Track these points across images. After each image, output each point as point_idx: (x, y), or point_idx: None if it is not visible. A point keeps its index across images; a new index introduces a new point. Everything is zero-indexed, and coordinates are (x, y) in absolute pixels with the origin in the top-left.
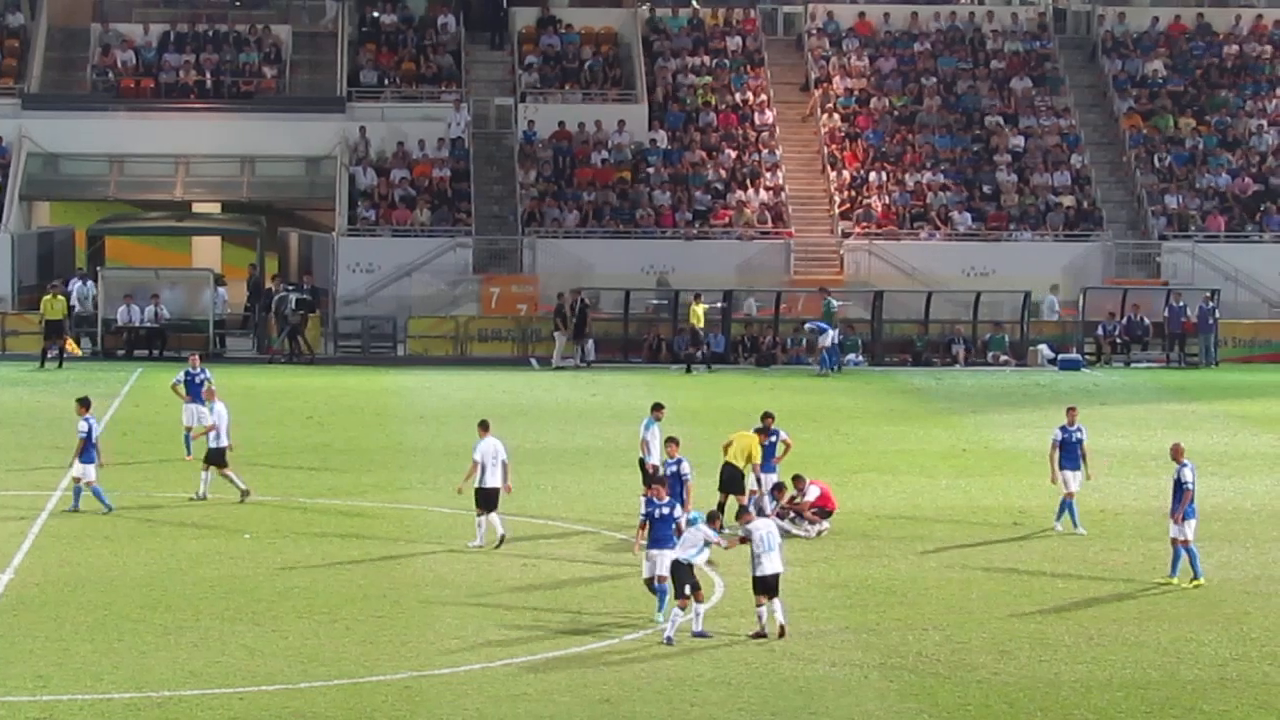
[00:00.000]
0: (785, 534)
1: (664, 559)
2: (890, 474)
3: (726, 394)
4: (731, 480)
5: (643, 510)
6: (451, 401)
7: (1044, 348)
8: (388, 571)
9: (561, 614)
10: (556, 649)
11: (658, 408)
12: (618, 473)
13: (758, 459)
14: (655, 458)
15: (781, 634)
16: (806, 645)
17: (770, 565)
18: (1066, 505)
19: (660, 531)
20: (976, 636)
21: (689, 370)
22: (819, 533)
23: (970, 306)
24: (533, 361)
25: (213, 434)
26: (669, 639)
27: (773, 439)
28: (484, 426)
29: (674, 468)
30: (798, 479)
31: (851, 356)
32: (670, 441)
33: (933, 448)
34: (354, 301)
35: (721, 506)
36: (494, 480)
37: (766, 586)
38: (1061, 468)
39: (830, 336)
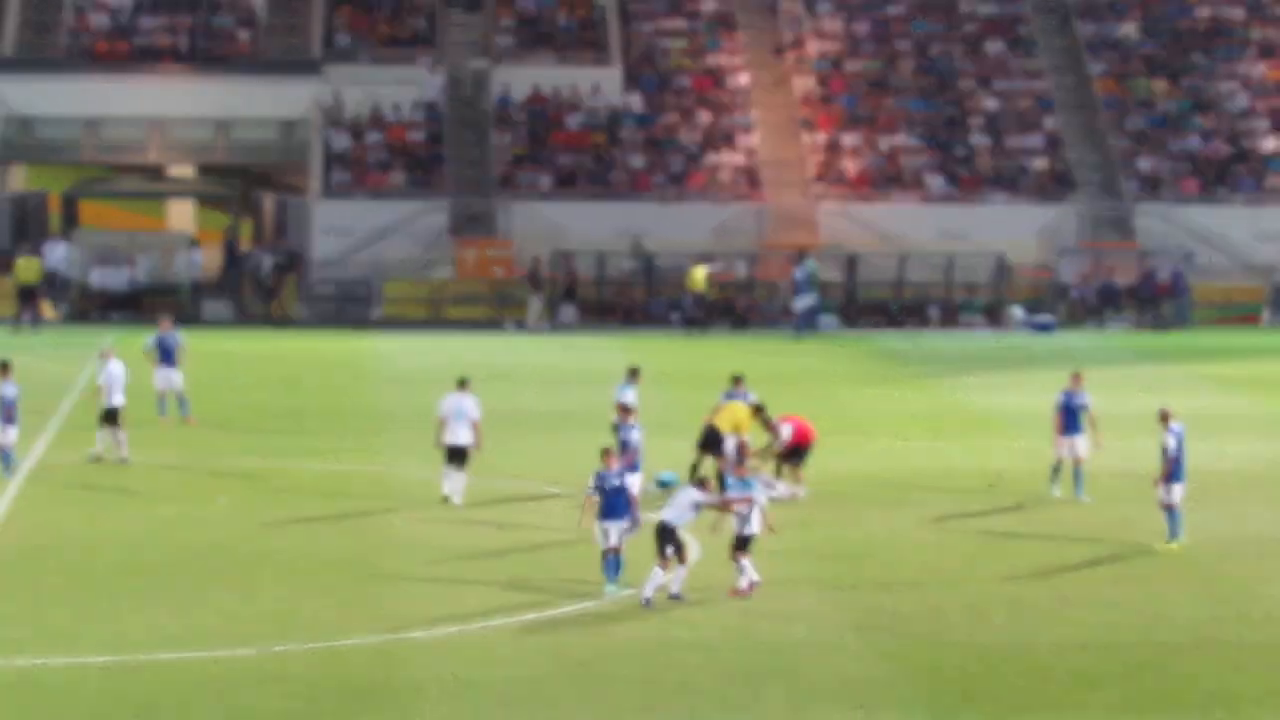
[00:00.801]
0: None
1: (616, 531)
2: (865, 436)
3: (703, 358)
4: (711, 442)
5: (591, 483)
6: (426, 364)
7: (1017, 309)
8: (364, 535)
9: (538, 577)
10: (533, 612)
11: (634, 372)
12: (594, 436)
13: (746, 430)
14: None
15: (751, 588)
16: (783, 607)
17: (754, 525)
18: (1075, 473)
19: (613, 503)
20: (952, 599)
21: (692, 331)
22: (792, 496)
23: (944, 269)
24: (507, 325)
25: (108, 393)
26: (647, 600)
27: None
28: (460, 384)
29: (625, 435)
30: (761, 413)
31: (827, 319)
32: (623, 408)
33: (908, 410)
34: (329, 265)
35: (695, 467)
36: (458, 437)
37: (746, 545)
38: (1064, 433)
39: (806, 300)
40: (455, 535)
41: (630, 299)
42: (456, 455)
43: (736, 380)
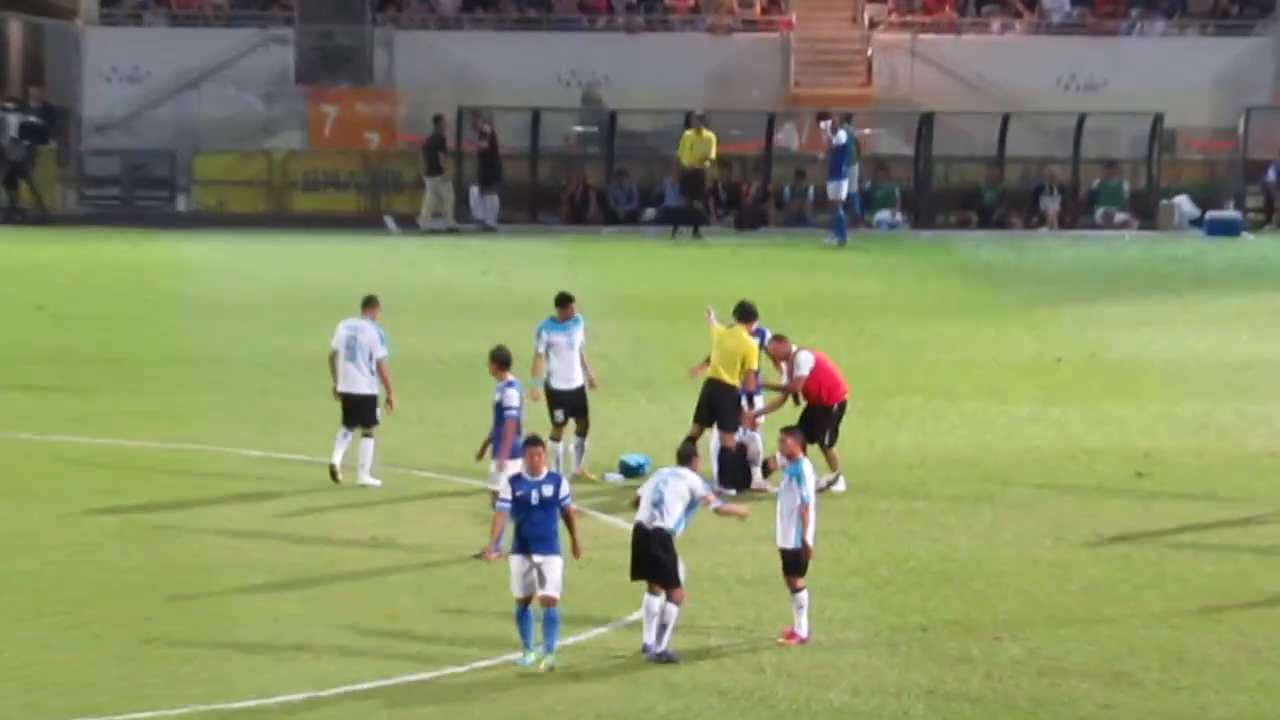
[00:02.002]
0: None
1: (550, 569)
2: (944, 399)
3: (686, 274)
4: (717, 403)
5: (502, 496)
6: (263, 285)
7: (1183, 201)
8: (163, 547)
9: (430, 614)
10: (420, 670)
11: (563, 302)
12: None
13: (753, 365)
14: (560, 378)
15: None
16: (819, 661)
17: (783, 537)
18: None
19: (538, 526)
20: (1077, 650)
21: (678, 233)
22: (827, 486)
23: (1069, 137)
24: (389, 222)
25: None
26: (650, 649)
27: (759, 339)
28: (367, 304)
29: (498, 396)
30: (777, 342)
31: (884, 215)
32: (494, 358)
33: (1010, 358)
34: (110, 128)
35: (692, 441)
36: (353, 383)
37: (800, 564)
38: None
39: (845, 186)
40: (303, 548)
41: (580, 182)
42: (352, 410)
43: (745, 312)
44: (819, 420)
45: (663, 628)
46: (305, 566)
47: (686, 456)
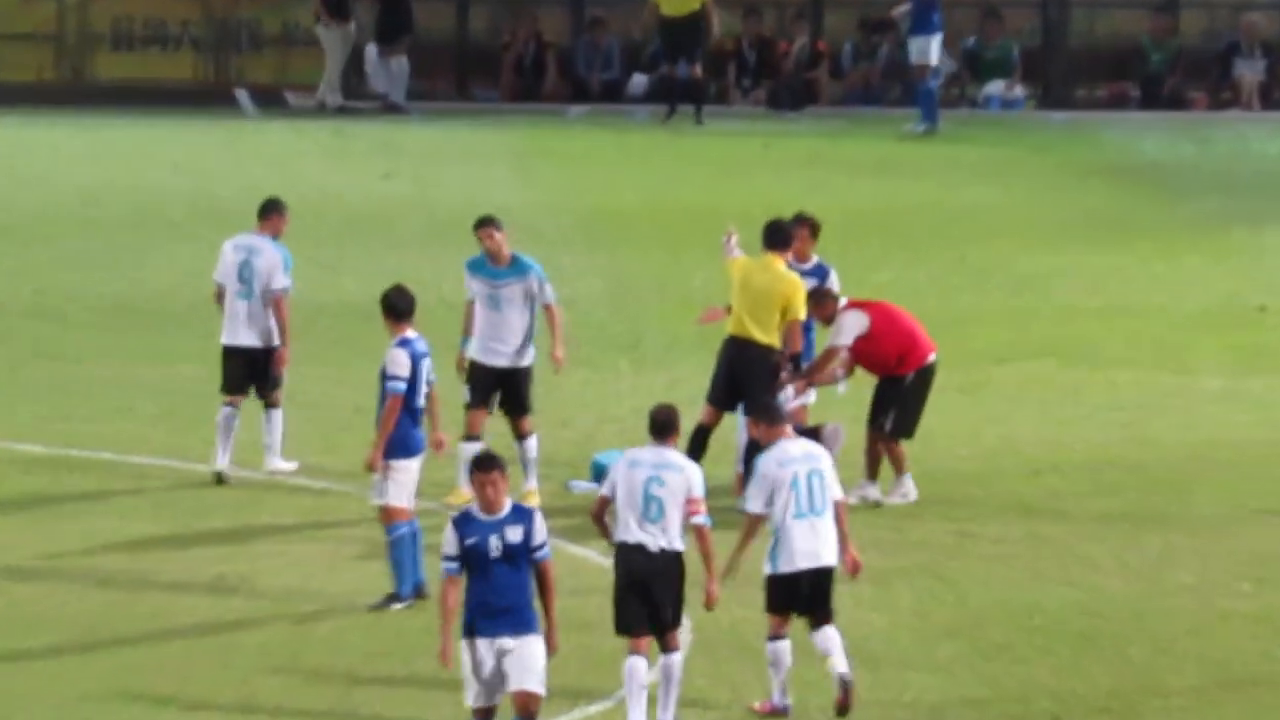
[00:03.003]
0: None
1: (526, 657)
2: (1086, 366)
3: (694, 179)
4: (742, 375)
5: (446, 551)
6: (51, 192)
7: None
8: None
9: (300, 692)
10: None
11: (485, 224)
12: (441, 363)
13: (799, 313)
14: (484, 347)
15: (845, 704)
16: None
17: (815, 549)
18: None
19: (501, 593)
20: None
21: (673, 114)
22: (874, 500)
23: None
24: (242, 98)
25: None
26: None
27: (815, 280)
28: (267, 214)
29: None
30: (820, 301)
31: (995, 89)
32: (387, 307)
33: (1188, 305)
34: None
35: (704, 430)
36: (249, 332)
37: (806, 596)
38: None
39: (937, 45)
40: (108, 591)
41: (532, 38)
42: (244, 372)
43: (777, 234)
44: (889, 397)
45: (664, 692)
46: (112, 623)
47: (667, 427)
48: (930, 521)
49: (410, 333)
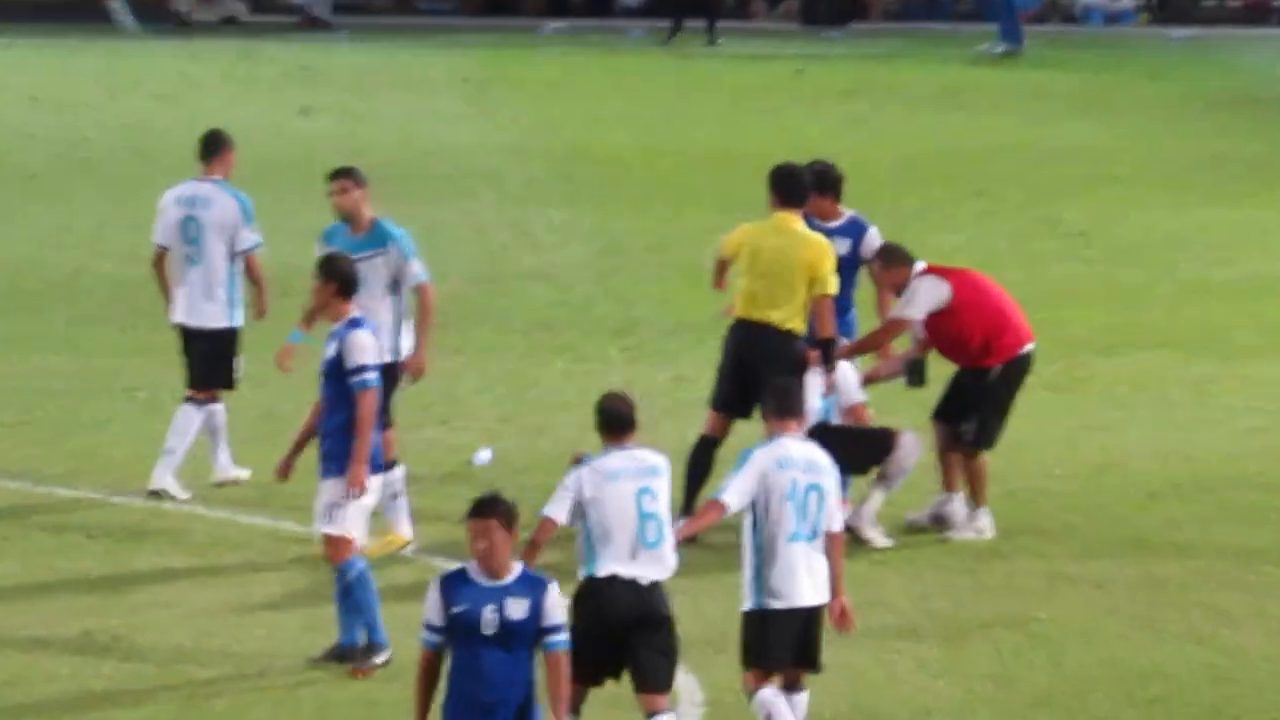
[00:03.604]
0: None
1: None
2: (1216, 359)
3: (702, 114)
4: (757, 362)
5: (428, 619)
6: None
7: None
8: None
9: None
10: None
11: (340, 176)
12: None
13: (829, 286)
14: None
15: None
16: None
17: (814, 581)
18: None
19: (496, 681)
20: None
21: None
22: (937, 521)
23: None
24: (115, 10)
25: None
26: None
27: (849, 242)
28: (211, 151)
29: (331, 346)
30: (889, 263)
31: None
32: (326, 273)
33: None
34: None
35: (710, 442)
36: (204, 309)
37: (798, 642)
38: None
39: None
40: None
41: None
42: (197, 358)
43: (788, 183)
44: (969, 394)
45: None
46: None
47: (623, 420)
48: (1015, 559)
49: (356, 310)
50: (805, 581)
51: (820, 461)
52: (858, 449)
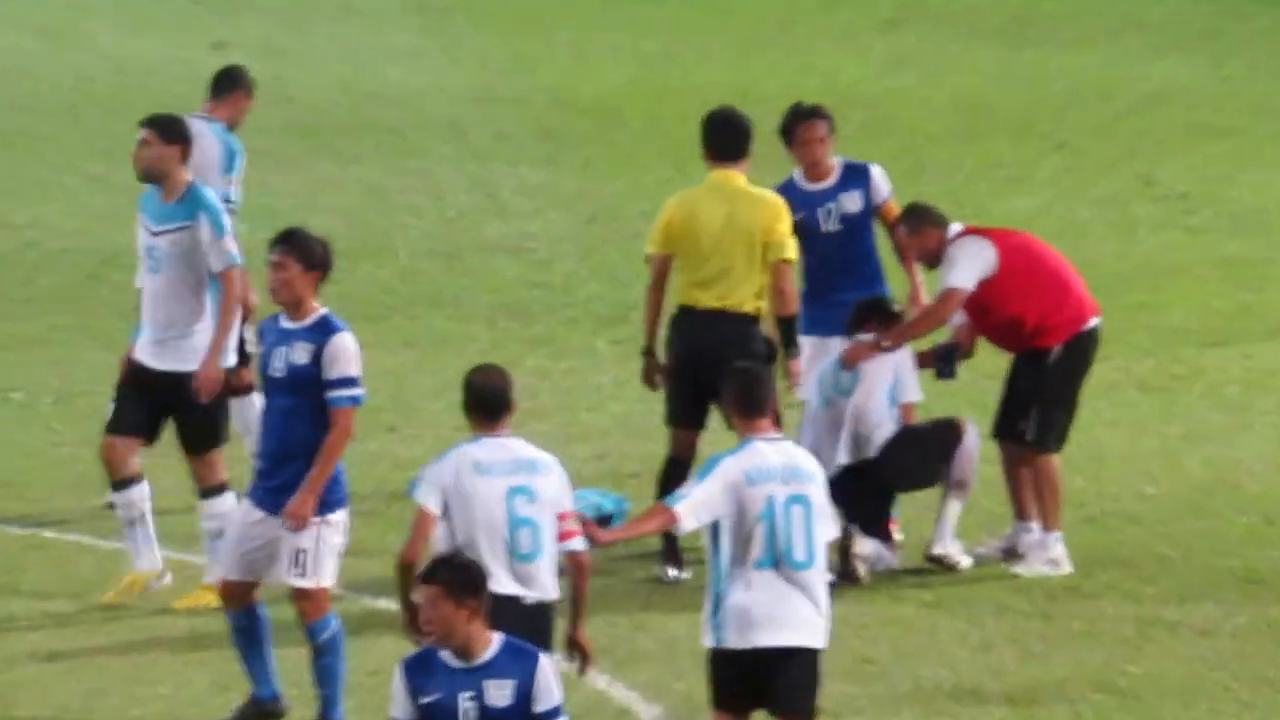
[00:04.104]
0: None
1: None
2: None
3: (713, 50)
4: (716, 357)
5: (399, 709)
6: None
7: None
8: None
9: None
10: None
11: (151, 125)
12: None
13: (788, 251)
14: (146, 347)
15: None
16: None
17: (780, 616)
18: None
19: None
20: None
21: None
22: (1002, 552)
23: None
24: None
25: None
26: None
27: (858, 194)
28: (219, 88)
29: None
30: (916, 226)
31: None
32: (318, 263)
33: None
34: None
35: (678, 464)
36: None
37: (761, 688)
38: None
39: None
40: None
41: None
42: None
43: (728, 132)
44: (1025, 382)
45: None
46: None
47: (498, 402)
48: (1098, 600)
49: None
50: (767, 618)
51: (803, 466)
52: (929, 450)
